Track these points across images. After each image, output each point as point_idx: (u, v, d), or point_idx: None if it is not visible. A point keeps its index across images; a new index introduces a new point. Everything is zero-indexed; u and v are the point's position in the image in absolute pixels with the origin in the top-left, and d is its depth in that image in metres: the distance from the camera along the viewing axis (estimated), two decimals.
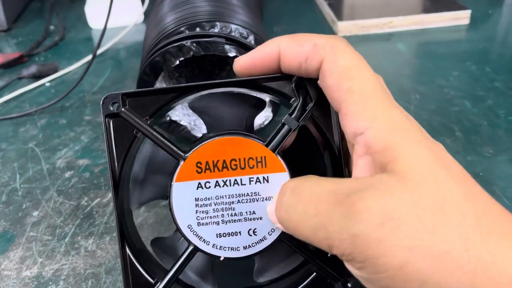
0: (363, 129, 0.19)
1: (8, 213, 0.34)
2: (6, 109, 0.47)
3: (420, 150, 0.18)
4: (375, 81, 0.20)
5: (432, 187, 0.17)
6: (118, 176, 0.23)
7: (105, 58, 0.56)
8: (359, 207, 0.17)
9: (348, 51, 0.21)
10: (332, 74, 0.20)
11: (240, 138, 0.22)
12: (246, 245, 0.23)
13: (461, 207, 0.17)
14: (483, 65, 0.49)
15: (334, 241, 0.18)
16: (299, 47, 0.21)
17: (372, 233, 0.17)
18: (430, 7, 0.60)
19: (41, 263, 0.30)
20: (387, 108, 0.19)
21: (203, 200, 0.22)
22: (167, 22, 0.35)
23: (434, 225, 0.16)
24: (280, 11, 0.66)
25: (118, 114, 0.22)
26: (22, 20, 0.69)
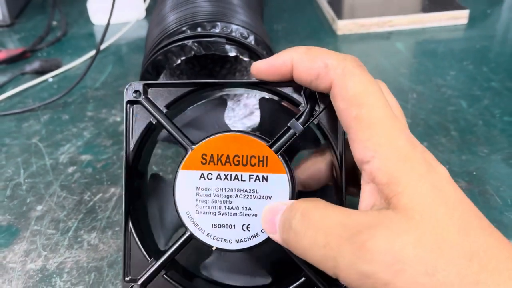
0: (369, 158, 0.20)
1: (12, 207, 0.35)
2: (10, 105, 0.48)
3: (422, 185, 0.19)
4: (384, 106, 0.20)
5: (432, 226, 0.18)
6: (131, 158, 0.25)
7: (107, 54, 0.57)
8: (369, 246, 0.18)
9: (358, 74, 0.21)
10: (342, 99, 0.21)
11: (245, 136, 0.23)
12: (239, 239, 0.24)
13: (457, 246, 0.18)
14: (480, 65, 0.50)
15: (342, 273, 0.19)
16: (310, 64, 0.22)
17: (381, 274, 0.18)
18: (429, 6, 0.60)
19: (45, 256, 0.31)
20: (393, 136, 0.20)
21: (204, 190, 0.24)
22: (169, 21, 0.36)
23: (433, 267, 0.18)
24: (281, 8, 0.67)
25: (138, 101, 0.24)
26: (25, 15, 0.69)
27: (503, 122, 0.41)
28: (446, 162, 0.37)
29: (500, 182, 0.35)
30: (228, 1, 0.39)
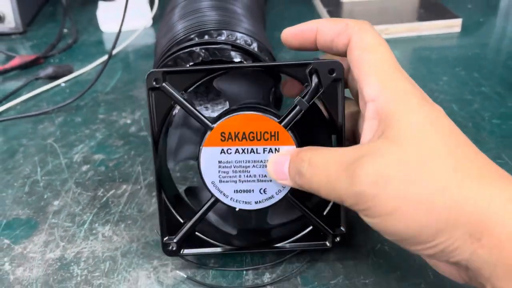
0: (374, 97, 0.24)
1: (31, 202, 0.38)
2: (25, 108, 0.50)
3: (415, 115, 0.22)
4: (390, 56, 0.25)
5: (418, 146, 0.21)
6: (157, 137, 0.28)
7: (116, 61, 0.60)
8: (358, 172, 0.22)
9: (372, 32, 0.26)
10: (357, 48, 0.25)
11: (258, 115, 0.27)
12: (257, 200, 0.28)
13: (442, 159, 0.21)
14: (472, 71, 0.52)
15: (343, 198, 0.23)
16: (333, 25, 0.27)
17: (369, 190, 0.22)
18: (424, 15, 0.63)
19: (63, 247, 0.33)
20: (397, 78, 0.24)
21: (225, 163, 0.28)
22: (177, 30, 0.38)
23: (416, 177, 0.21)
24: (282, 16, 0.69)
25: (159, 88, 0.27)
26: (36, 23, 0.72)
27: (491, 124, 0.43)
28: None
29: None
30: (233, 11, 0.41)
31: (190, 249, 0.30)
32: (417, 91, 0.24)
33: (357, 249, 0.32)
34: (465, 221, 0.20)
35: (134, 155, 0.42)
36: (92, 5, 0.75)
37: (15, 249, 0.33)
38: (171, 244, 0.30)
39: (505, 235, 0.20)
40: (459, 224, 0.20)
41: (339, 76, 0.27)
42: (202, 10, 0.40)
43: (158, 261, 0.32)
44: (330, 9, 0.67)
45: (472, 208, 0.20)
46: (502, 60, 0.55)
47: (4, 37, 0.68)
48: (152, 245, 0.33)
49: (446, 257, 0.21)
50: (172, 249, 0.30)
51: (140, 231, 0.34)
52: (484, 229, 0.20)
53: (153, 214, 0.36)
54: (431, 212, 0.20)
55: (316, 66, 0.27)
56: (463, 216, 0.20)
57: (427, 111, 0.23)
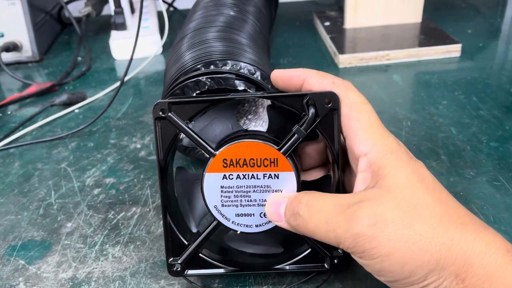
0: (367, 152, 0.26)
1: (45, 224, 0.39)
2: (41, 133, 0.53)
3: (404, 169, 0.25)
4: (374, 114, 0.28)
5: (409, 195, 0.24)
6: (163, 164, 0.30)
7: (127, 87, 0.62)
8: (357, 214, 0.24)
9: (356, 91, 0.28)
10: (345, 106, 0.28)
11: (258, 143, 0.28)
12: (258, 224, 0.30)
13: (430, 208, 0.24)
14: (471, 95, 0.54)
15: (341, 239, 0.24)
16: (321, 79, 0.29)
17: (367, 232, 0.23)
18: (424, 41, 0.65)
19: (75, 267, 0.35)
20: (384, 136, 0.27)
21: (227, 188, 0.29)
22: (185, 60, 0.41)
23: (410, 222, 0.23)
24: (286, 44, 0.72)
25: (165, 118, 0.29)
26: (52, 52, 0.76)
27: (489, 147, 0.45)
28: None
29: (484, 201, 0.38)
30: (238, 41, 0.44)
31: (194, 269, 0.32)
32: (402, 146, 0.27)
33: (355, 268, 0.33)
34: (452, 261, 0.23)
35: (144, 178, 0.44)
36: (105, 34, 0.79)
37: (29, 269, 0.35)
38: (175, 265, 0.31)
39: (486, 275, 0.22)
40: (447, 265, 0.23)
41: (335, 107, 0.28)
42: (209, 41, 0.42)
43: (165, 281, 0.33)
44: (334, 35, 0.69)
45: (458, 250, 0.23)
46: (499, 84, 0.56)
47: (21, 65, 0.71)
48: (159, 266, 0.34)
49: None
50: (177, 269, 0.31)
51: (148, 252, 0.36)
52: (468, 269, 0.22)
53: (160, 236, 0.37)
54: (424, 254, 0.23)
55: (313, 97, 0.28)
56: (450, 257, 0.23)
57: (413, 164, 0.26)
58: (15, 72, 0.67)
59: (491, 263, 0.22)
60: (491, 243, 0.23)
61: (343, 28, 0.71)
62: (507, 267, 0.22)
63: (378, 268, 0.24)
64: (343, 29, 0.71)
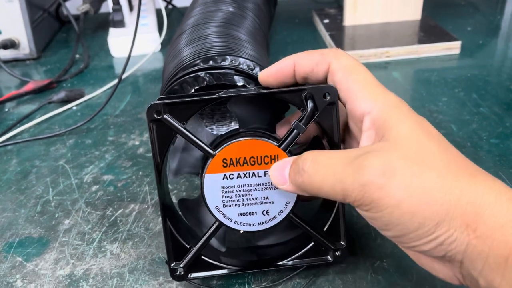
0: (369, 109, 0.26)
1: (42, 221, 0.39)
2: (38, 130, 0.52)
3: (408, 121, 0.25)
4: (370, 73, 0.27)
5: (416, 146, 0.23)
6: (160, 167, 0.29)
7: (126, 84, 0.62)
8: (365, 163, 0.23)
9: (347, 55, 0.28)
10: (338, 71, 0.27)
11: (257, 140, 0.28)
12: (261, 222, 0.29)
13: (437, 158, 0.23)
14: (470, 92, 0.54)
15: (348, 191, 0.24)
16: (310, 56, 0.28)
17: (376, 180, 0.23)
18: (424, 38, 0.65)
19: (73, 264, 0.35)
20: (385, 92, 0.26)
21: (228, 188, 0.29)
22: (184, 55, 0.40)
23: (418, 171, 0.22)
24: (286, 41, 0.72)
25: (160, 120, 0.28)
26: (50, 49, 0.75)
27: (489, 144, 0.44)
28: None
29: None
30: (237, 37, 0.43)
31: (197, 272, 0.31)
32: (404, 102, 0.26)
33: (356, 266, 0.32)
34: (462, 212, 0.22)
35: (142, 175, 0.44)
36: (103, 31, 0.78)
37: (27, 266, 0.35)
38: (178, 269, 0.31)
39: (497, 225, 0.21)
40: (457, 215, 0.22)
41: (334, 100, 0.28)
42: (208, 36, 0.42)
43: (164, 278, 0.33)
44: (333, 33, 0.69)
45: (467, 200, 0.22)
46: (500, 81, 0.56)
47: (19, 63, 0.70)
48: (158, 262, 0.34)
49: (444, 250, 0.22)
50: (180, 274, 0.31)
51: (146, 249, 0.35)
52: (479, 219, 0.21)
53: (159, 232, 0.37)
54: (433, 203, 0.22)
55: (311, 91, 0.28)
56: (460, 207, 0.22)
57: (416, 118, 0.25)
58: (13, 69, 0.66)
59: (502, 212, 0.21)
60: (501, 193, 0.22)
61: (343, 25, 0.71)
62: None
63: (386, 221, 0.23)
64: (342, 26, 0.71)
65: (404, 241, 0.24)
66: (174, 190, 0.41)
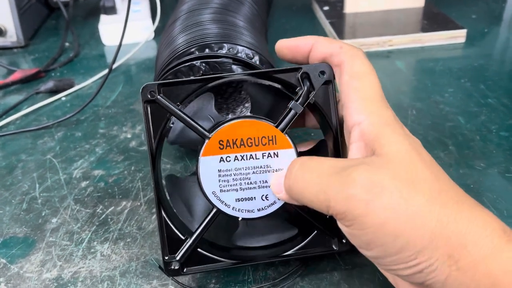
0: (361, 121, 0.25)
1: (28, 219, 0.37)
2: (25, 122, 0.50)
3: (402, 141, 0.24)
4: (377, 86, 0.26)
5: (408, 167, 0.23)
6: (155, 151, 0.28)
7: (118, 74, 0.59)
8: (352, 176, 0.22)
9: (363, 59, 0.27)
10: (347, 73, 0.26)
11: (254, 121, 0.27)
12: (260, 207, 0.28)
13: (428, 183, 0.22)
14: (477, 82, 0.51)
15: (331, 202, 0.23)
16: (329, 44, 0.28)
17: (362, 195, 0.22)
18: (428, 26, 0.62)
19: (60, 266, 0.33)
20: (381, 107, 0.25)
21: (225, 171, 0.27)
22: (178, 43, 0.38)
23: (407, 194, 0.22)
24: (284, 29, 0.69)
25: (154, 101, 0.27)
26: (38, 37, 0.72)
27: (499, 137, 0.42)
28: None
29: (496, 195, 0.36)
30: (235, 24, 0.41)
31: (192, 266, 0.29)
32: (399, 122, 0.25)
33: (363, 269, 0.31)
34: (446, 241, 0.21)
35: (134, 170, 0.41)
36: (94, 18, 0.75)
37: (11, 268, 0.33)
38: (173, 263, 0.29)
39: (480, 257, 0.20)
40: (440, 244, 0.21)
41: (329, 78, 0.28)
42: (203, 23, 0.40)
43: (158, 281, 0.31)
44: (333, 21, 0.66)
45: (453, 229, 0.21)
46: (507, 71, 0.54)
47: (6, 51, 0.67)
48: (151, 264, 0.32)
49: (423, 278, 0.22)
50: (175, 268, 0.29)
51: (139, 250, 0.33)
52: (462, 250, 0.21)
53: (153, 232, 0.35)
54: (419, 229, 0.21)
55: (306, 69, 0.28)
56: (445, 236, 0.21)
57: (409, 139, 0.24)
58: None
59: (487, 244, 0.21)
60: (487, 223, 0.21)
61: (343, 12, 0.68)
62: (504, 247, 0.21)
63: (367, 240, 0.22)
64: (343, 14, 0.68)
65: (383, 263, 0.23)
66: None
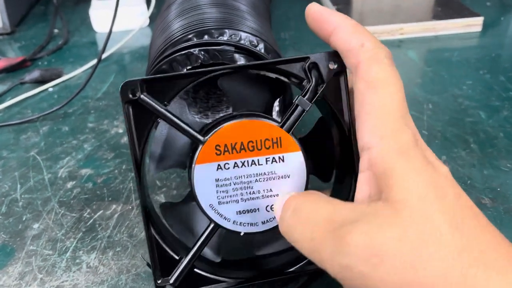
0: (371, 145, 0.20)
1: (7, 225, 0.33)
2: (8, 115, 0.46)
3: (416, 180, 0.18)
4: (398, 98, 0.21)
5: (420, 221, 0.18)
6: (140, 160, 0.24)
7: (110, 63, 0.55)
8: (348, 240, 0.18)
9: (386, 64, 0.22)
10: (362, 80, 0.22)
11: (256, 121, 0.23)
12: (264, 220, 0.25)
13: (445, 241, 0.17)
14: (497, 74, 0.48)
15: (325, 265, 0.19)
16: (350, 37, 0.22)
17: (358, 267, 0.18)
18: (441, 13, 0.59)
19: (41, 280, 0.29)
20: (399, 128, 0.20)
21: (223, 181, 0.24)
22: (174, 29, 0.34)
23: (416, 260, 0.17)
24: (287, 16, 0.65)
25: (137, 101, 0.23)
26: (26, 23, 0.68)
27: None
28: (467, 177, 0.35)
29: None
30: (236, 8, 0.37)
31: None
32: (420, 148, 0.20)
33: None
34: None
35: (126, 169, 0.38)
36: (85, 3, 0.71)
37: None
38: (166, 287, 0.25)
39: None
40: None
41: (341, 68, 0.24)
42: (202, 7, 0.36)
43: None
44: (339, 7, 0.62)
45: None
46: None
47: None
48: (143, 278, 0.29)
49: None
50: None
51: (130, 261, 0.30)
52: None
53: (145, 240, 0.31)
54: None
55: (314, 59, 0.24)
56: None
57: (431, 174, 0.19)
58: None
59: None
60: None
61: None
62: None
63: None
64: None
65: None
66: (163, 188, 0.36)
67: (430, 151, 0.21)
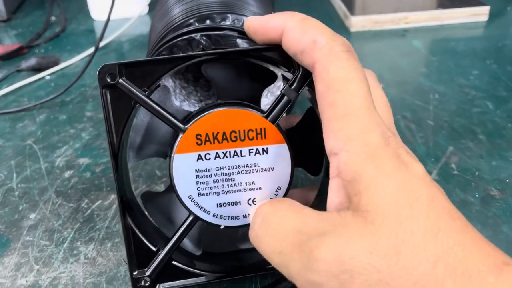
0: (337, 150, 0.19)
1: (3, 215, 0.32)
2: (4, 103, 0.45)
3: (386, 184, 0.17)
4: (363, 96, 0.19)
5: (391, 230, 0.16)
6: (117, 148, 0.23)
7: (108, 51, 0.54)
8: (316, 255, 0.17)
9: (344, 59, 0.19)
10: (321, 81, 0.20)
11: (239, 110, 0.22)
12: (246, 213, 0.24)
13: (419, 251, 0.16)
14: (504, 64, 0.47)
15: (295, 281, 0.18)
16: (300, 36, 0.21)
17: (327, 284, 0.17)
18: (446, 2, 0.57)
19: (38, 271, 0.28)
20: (366, 130, 0.18)
21: (204, 172, 0.23)
22: (174, 13, 0.33)
23: (388, 276, 0.16)
24: (290, 3, 0.64)
25: (115, 85, 0.22)
26: (23, 10, 0.67)
27: None
28: (475, 169, 0.34)
29: None
30: None
31: (167, 282, 0.25)
32: (391, 148, 0.18)
33: None
34: None
35: None
36: None
37: None
38: (143, 279, 0.24)
39: None
40: None
41: None
42: None
43: None
44: None
45: None
46: None
47: None
48: None
49: None
50: (145, 285, 0.24)
51: None
52: None
53: None
54: None
55: None
56: None
57: (402, 174, 0.17)
58: None
59: None
60: None
61: None
62: None
63: None
64: None
65: None
66: (163, 177, 0.35)
67: (404, 148, 0.19)
